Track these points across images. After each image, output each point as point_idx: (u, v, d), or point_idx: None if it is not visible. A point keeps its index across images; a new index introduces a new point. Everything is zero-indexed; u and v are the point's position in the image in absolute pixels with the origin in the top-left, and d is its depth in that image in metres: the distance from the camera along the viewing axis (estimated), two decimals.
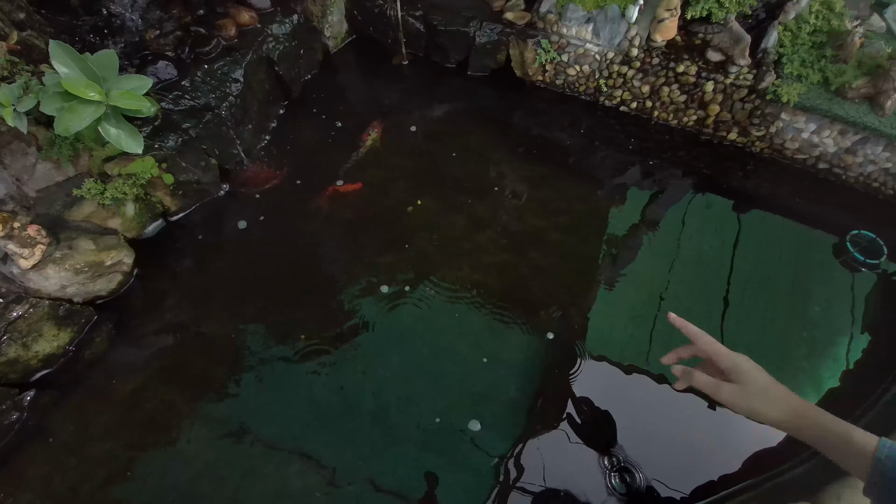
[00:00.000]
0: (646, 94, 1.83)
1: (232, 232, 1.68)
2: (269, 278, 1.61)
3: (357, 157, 1.88)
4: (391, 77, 2.17)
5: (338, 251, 1.68)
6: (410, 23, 1.99)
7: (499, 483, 1.26)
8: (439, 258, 1.67)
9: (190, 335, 1.50)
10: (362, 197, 1.78)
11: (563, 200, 1.82)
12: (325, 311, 1.54)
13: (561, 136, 2.00)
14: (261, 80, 1.74)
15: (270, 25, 1.75)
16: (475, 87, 2.12)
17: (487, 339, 1.51)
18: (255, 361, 1.45)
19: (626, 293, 1.60)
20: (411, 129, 1.98)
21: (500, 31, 1.91)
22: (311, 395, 1.41)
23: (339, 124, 1.97)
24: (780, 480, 1.12)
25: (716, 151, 1.89)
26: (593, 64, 1.84)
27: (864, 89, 1.58)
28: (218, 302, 1.56)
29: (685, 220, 1.76)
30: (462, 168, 1.89)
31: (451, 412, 1.37)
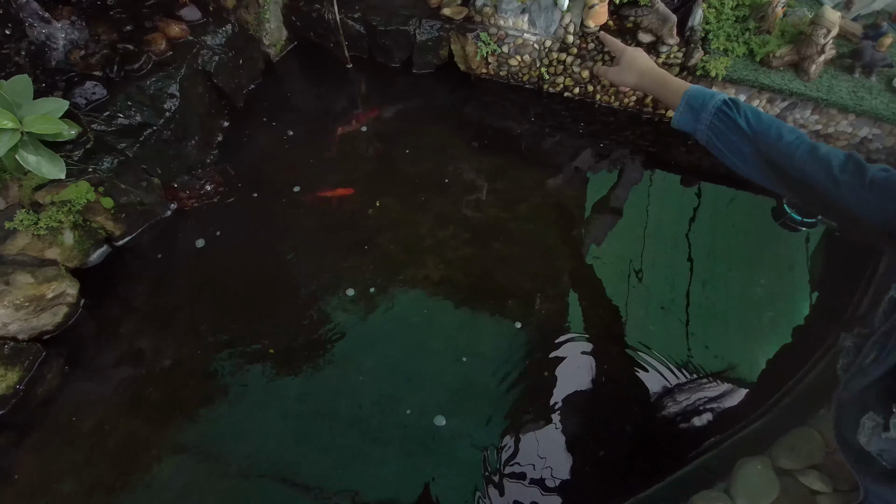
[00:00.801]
0: (586, 78, 1.87)
1: (186, 251, 1.63)
2: (230, 294, 1.57)
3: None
4: (337, 81, 2.15)
5: (301, 260, 1.65)
6: (350, 25, 1.97)
7: (484, 475, 1.28)
8: (403, 257, 1.66)
9: (150, 361, 1.45)
10: (324, 206, 1.76)
11: (521, 189, 1.85)
12: (292, 321, 1.52)
13: (512, 126, 2.02)
14: (200, 93, 1.70)
15: (203, 37, 1.71)
16: (422, 84, 2.13)
17: (458, 334, 1.52)
18: (223, 380, 1.42)
19: (590, 274, 1.64)
20: (362, 130, 1.97)
21: (439, 28, 1.92)
22: (285, 408, 1.38)
23: (291, 132, 1.94)
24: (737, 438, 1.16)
25: (658, 129, 1.95)
26: (533, 53, 1.87)
27: (788, 57, 1.65)
28: (177, 324, 1.51)
29: (639, 197, 1.82)
30: (418, 166, 1.89)
31: (426, 409, 1.38)
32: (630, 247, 1.69)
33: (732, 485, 0.87)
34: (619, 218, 1.75)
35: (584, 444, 1.33)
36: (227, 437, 1.33)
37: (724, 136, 0.83)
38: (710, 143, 0.86)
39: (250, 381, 1.42)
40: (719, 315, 1.55)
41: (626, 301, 1.58)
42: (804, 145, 0.76)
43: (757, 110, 0.82)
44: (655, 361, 1.45)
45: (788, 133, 0.78)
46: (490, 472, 1.28)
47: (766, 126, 0.79)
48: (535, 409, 1.38)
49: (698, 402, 1.38)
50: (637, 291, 1.60)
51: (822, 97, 1.61)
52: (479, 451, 1.31)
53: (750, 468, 0.88)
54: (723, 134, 0.83)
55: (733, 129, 0.81)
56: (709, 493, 0.84)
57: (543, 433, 1.35)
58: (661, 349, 1.47)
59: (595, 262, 1.66)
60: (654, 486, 1.07)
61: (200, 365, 1.44)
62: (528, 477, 1.28)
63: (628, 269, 1.64)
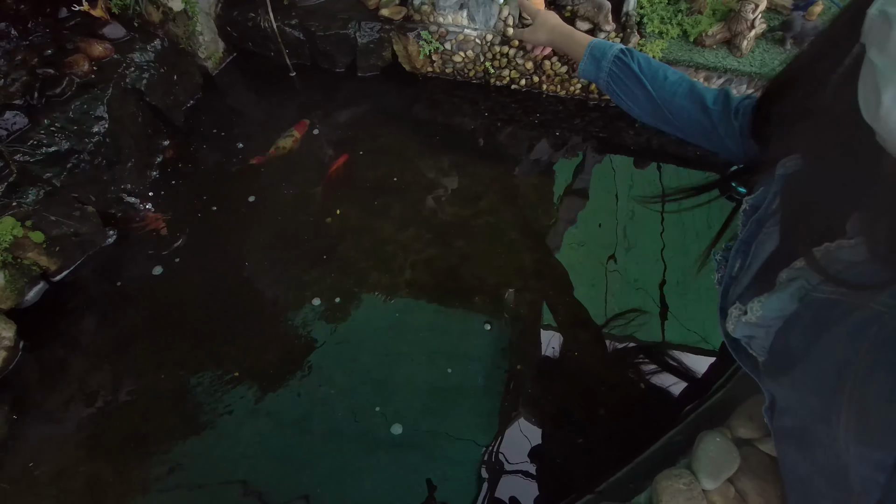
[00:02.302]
0: (531, 69, 1.88)
1: (135, 278, 1.56)
2: (188, 320, 1.51)
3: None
4: (282, 90, 2.10)
5: (261, 276, 1.60)
6: (288, 32, 1.92)
7: (468, 472, 1.27)
8: (367, 263, 1.64)
9: (106, 398, 1.37)
10: (281, 219, 1.71)
11: (479, 185, 1.84)
12: (256, 341, 1.47)
13: (463, 123, 2.02)
14: (131, 113, 1.62)
15: (130, 55, 1.63)
16: (370, 88, 2.10)
17: (428, 336, 1.50)
18: (187, 410, 1.36)
19: (555, 263, 1.65)
20: (317, 130, 1.94)
21: (379, 29, 1.89)
22: (256, 431, 1.33)
23: (241, 145, 1.88)
24: (700, 411, 1.18)
25: (606, 114, 1.98)
26: (476, 48, 1.87)
27: (720, 35, 1.70)
28: (132, 357, 1.44)
29: (597, 182, 1.84)
30: (374, 170, 1.86)
31: (402, 415, 1.35)
32: (594, 232, 1.70)
33: (693, 459, 0.88)
34: (579, 205, 1.77)
35: (562, 433, 1.33)
36: (196, 467, 1.27)
37: (620, 82, 0.94)
38: (610, 89, 0.98)
39: (216, 407, 1.36)
40: (690, 291, 1.57)
41: (594, 285, 1.59)
42: (685, 84, 0.87)
43: (648, 57, 0.94)
44: (627, 343, 1.47)
45: (672, 75, 0.89)
46: (475, 469, 1.27)
47: (655, 70, 0.90)
48: (511, 403, 1.38)
49: (667, 378, 1.40)
50: (603, 275, 1.61)
51: (756, 71, 1.66)
52: (463, 450, 1.30)
53: (709, 441, 0.89)
54: (620, 79, 0.94)
55: (628, 75, 0.92)
56: (671, 471, 0.85)
57: (523, 426, 1.34)
58: (632, 330, 1.49)
59: (560, 250, 1.67)
60: (623, 468, 1.07)
61: (161, 397, 1.37)
62: (513, 471, 1.27)
63: (594, 253, 1.66)
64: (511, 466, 1.28)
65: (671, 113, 0.89)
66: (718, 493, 0.86)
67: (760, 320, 0.56)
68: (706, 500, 0.84)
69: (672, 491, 0.83)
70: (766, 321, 0.56)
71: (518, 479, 1.26)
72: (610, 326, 1.50)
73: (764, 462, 0.91)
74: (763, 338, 0.57)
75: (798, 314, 0.52)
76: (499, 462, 1.27)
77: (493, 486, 1.25)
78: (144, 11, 1.72)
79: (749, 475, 0.88)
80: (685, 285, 1.59)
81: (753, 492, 0.87)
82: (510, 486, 1.25)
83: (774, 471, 0.90)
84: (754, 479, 0.88)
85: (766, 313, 0.55)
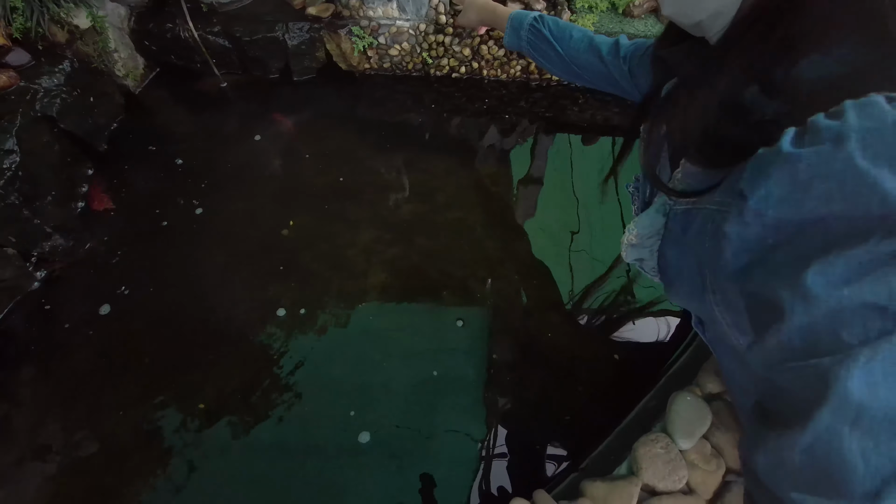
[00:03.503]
0: (469, 56, 1.86)
1: (72, 317, 1.44)
2: (142, 356, 1.41)
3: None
4: (215, 102, 1.99)
5: (219, 299, 1.52)
6: (212, 40, 1.82)
7: (461, 470, 1.24)
8: (328, 272, 1.58)
9: (61, 454, 1.26)
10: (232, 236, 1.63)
11: (434, 179, 1.81)
12: (219, 368, 1.39)
13: (409, 118, 1.98)
14: (46, 142, 1.49)
15: (38, 80, 1.50)
16: (307, 91, 2.02)
17: (399, 338, 1.46)
18: (152, 453, 1.26)
19: (519, 248, 1.64)
20: (256, 141, 1.85)
21: (308, 29, 1.82)
22: (229, 460, 1.25)
23: (180, 161, 1.77)
24: (670, 374, 1.20)
25: (548, 94, 1.99)
26: (410, 39, 1.83)
27: (647, 4, 1.73)
28: (84, 405, 1.33)
29: (552, 164, 1.85)
30: (324, 176, 1.80)
31: (381, 423, 1.31)
32: (554, 213, 1.71)
33: (667, 422, 0.89)
34: (537, 188, 1.77)
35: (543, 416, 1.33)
36: None
37: (537, 46, 1.03)
38: (531, 54, 1.07)
39: (183, 443, 1.28)
40: None
41: (560, 266, 1.60)
42: (586, 40, 0.95)
43: (556, 19, 1.02)
44: (597, 317, 1.48)
45: (577, 33, 0.97)
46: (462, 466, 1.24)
47: (562, 30, 0.99)
48: (492, 394, 1.36)
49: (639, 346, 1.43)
50: (568, 255, 1.62)
51: None
52: (448, 449, 1.27)
53: (680, 401, 0.90)
54: (536, 44, 1.03)
55: (542, 39, 1.01)
56: (648, 437, 0.86)
57: (506, 416, 1.33)
58: (602, 304, 1.50)
59: (522, 236, 1.67)
60: (604, 441, 1.08)
61: (121, 443, 1.27)
62: (500, 461, 1.26)
63: (556, 235, 1.66)
64: (498, 457, 1.26)
65: (579, 68, 0.98)
66: (695, 451, 0.87)
67: (638, 239, 0.60)
68: (684, 460, 0.85)
69: (650, 456, 0.84)
70: (643, 240, 0.59)
71: (505, 467, 1.25)
72: (579, 304, 1.52)
73: (735, 414, 0.93)
74: (649, 258, 0.61)
75: (668, 229, 0.56)
76: (485, 455, 1.26)
77: (481, 479, 1.23)
78: (48, 32, 1.58)
79: (722, 429, 0.90)
80: None
81: (728, 445, 0.89)
82: (498, 476, 1.24)
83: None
84: (727, 432, 0.90)
85: (641, 231, 0.59)
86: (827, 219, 0.31)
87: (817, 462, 0.31)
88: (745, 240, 0.36)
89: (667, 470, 0.83)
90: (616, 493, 0.76)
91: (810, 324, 0.31)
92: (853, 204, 0.30)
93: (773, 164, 0.33)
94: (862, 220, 0.30)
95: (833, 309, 0.30)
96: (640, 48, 0.86)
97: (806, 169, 0.31)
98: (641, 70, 0.85)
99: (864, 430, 0.29)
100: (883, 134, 0.29)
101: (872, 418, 0.29)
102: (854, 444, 0.29)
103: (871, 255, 0.29)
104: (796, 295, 0.32)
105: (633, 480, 0.82)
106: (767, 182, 0.33)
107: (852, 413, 0.29)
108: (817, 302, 0.31)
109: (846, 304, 0.30)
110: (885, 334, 0.29)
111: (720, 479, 0.86)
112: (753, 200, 0.34)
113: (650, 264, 0.62)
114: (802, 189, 0.32)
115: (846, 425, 0.30)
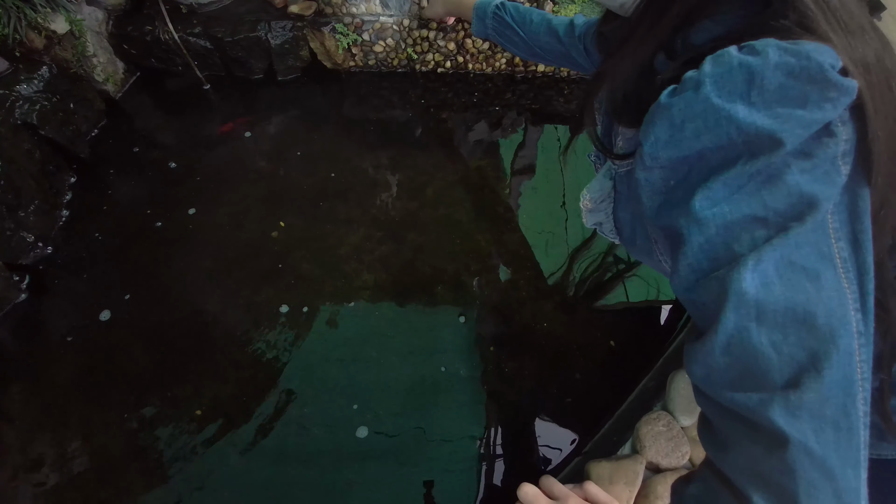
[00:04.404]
0: (453, 50, 1.86)
1: (61, 330, 1.41)
2: (135, 364, 1.38)
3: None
4: (199, 105, 1.96)
5: (211, 304, 1.50)
6: (193, 42, 1.80)
7: (467, 465, 1.25)
8: (320, 272, 1.56)
9: (55, 468, 1.23)
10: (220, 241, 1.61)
11: (423, 175, 1.81)
12: (214, 374, 1.37)
13: (396, 114, 1.97)
14: (26, 150, 1.46)
15: (16, 87, 1.47)
16: (293, 91, 2.00)
17: (394, 335, 1.46)
18: (149, 462, 1.24)
19: (511, 239, 1.65)
20: (242, 142, 1.83)
21: (291, 28, 1.81)
22: (228, 469, 1.24)
23: (165, 166, 1.75)
24: (667, 354, 1.22)
25: (534, 85, 2.00)
26: (395, 35, 1.82)
27: None
28: (78, 417, 1.30)
29: (540, 154, 1.86)
30: (313, 176, 1.78)
31: (381, 423, 1.30)
32: (544, 202, 1.72)
33: (668, 400, 0.90)
34: (526, 179, 1.78)
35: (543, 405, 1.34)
36: None
37: (501, 32, 1.09)
38: (497, 40, 1.13)
39: (180, 452, 1.25)
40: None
41: (551, 255, 1.61)
42: (544, 23, 1.00)
43: (517, 5, 1.07)
44: (591, 303, 1.50)
45: (536, 17, 1.02)
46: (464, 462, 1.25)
47: (523, 15, 1.04)
48: (490, 387, 1.37)
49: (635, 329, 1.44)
50: (558, 243, 1.63)
51: None
52: (450, 446, 1.27)
53: (679, 379, 0.91)
54: (500, 30, 1.09)
55: (505, 26, 1.07)
56: (650, 416, 0.87)
57: (505, 407, 1.33)
58: (591, 290, 1.52)
59: (513, 227, 1.67)
60: (605, 425, 1.09)
61: (116, 455, 1.25)
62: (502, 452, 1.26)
63: (546, 224, 1.67)
64: (500, 447, 1.26)
65: (541, 49, 1.03)
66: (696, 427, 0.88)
67: (592, 203, 0.63)
68: (686, 437, 0.86)
69: (653, 434, 0.85)
70: (596, 204, 0.63)
71: (508, 458, 1.26)
72: (572, 293, 1.52)
73: None
74: (606, 221, 0.65)
75: (617, 192, 0.60)
76: (487, 448, 1.26)
77: (483, 474, 1.23)
78: (25, 38, 1.54)
79: None
80: None
81: None
82: (501, 467, 1.24)
83: None
84: None
85: (592, 195, 0.63)
86: (703, 152, 0.36)
87: (736, 360, 0.34)
88: (652, 182, 0.40)
89: (670, 447, 0.84)
90: (621, 472, 0.76)
91: (707, 242, 0.36)
92: (717, 135, 0.35)
93: (656, 114, 0.38)
94: (728, 148, 0.35)
95: (721, 226, 0.35)
96: (591, 26, 0.91)
97: (678, 113, 0.36)
98: (594, 47, 0.90)
99: (770, 324, 0.33)
100: (732, 75, 0.34)
101: (774, 312, 0.32)
102: (763, 338, 0.33)
103: (741, 174, 0.34)
104: (690, 220, 0.36)
105: (638, 459, 0.82)
106: (654, 129, 0.38)
107: (753, 310, 0.33)
108: (706, 222, 0.35)
109: (731, 220, 0.34)
110: (769, 240, 0.33)
111: None
112: (647, 146, 0.39)
113: (608, 226, 0.66)
114: (678, 130, 0.37)
115: (752, 322, 0.33)
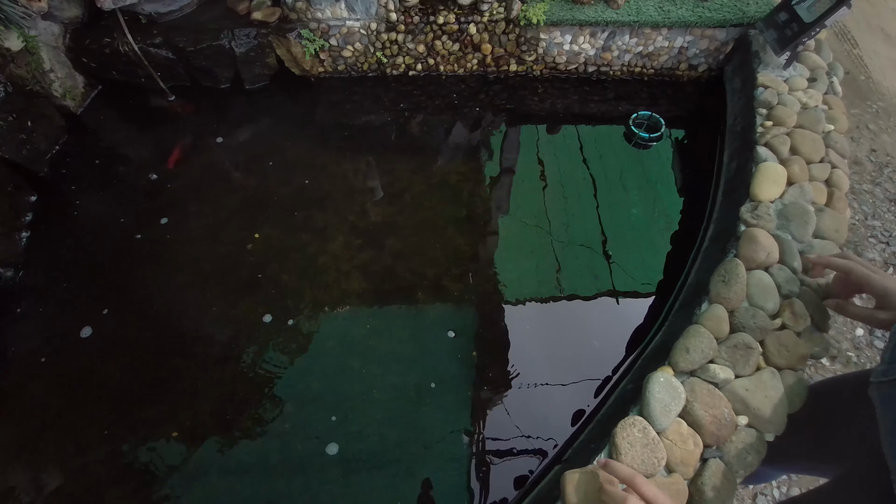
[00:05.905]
0: (423, 53, 1.84)
1: (29, 354, 1.36)
2: (108, 387, 1.34)
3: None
4: (164, 117, 1.91)
5: (188, 321, 1.46)
6: (154, 52, 1.74)
7: (452, 475, 1.24)
8: (298, 283, 1.53)
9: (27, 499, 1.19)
10: (195, 254, 1.57)
11: (400, 180, 1.78)
12: (191, 393, 1.34)
13: (370, 119, 1.94)
14: None
15: None
16: (262, 100, 1.96)
17: (376, 344, 1.44)
18: (125, 488, 1.20)
19: (492, 241, 1.63)
20: (215, 154, 1.78)
21: (255, 35, 1.76)
22: (210, 486, 1.21)
23: (132, 180, 1.70)
24: (645, 355, 1.21)
25: (507, 85, 1.98)
26: (363, 39, 1.79)
27: None
28: (50, 445, 1.26)
29: (515, 153, 1.84)
30: (288, 185, 1.75)
31: (364, 434, 1.28)
32: (524, 203, 1.71)
33: (643, 405, 0.90)
34: (504, 180, 1.77)
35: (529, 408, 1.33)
36: None
37: None
38: None
39: (160, 473, 1.22)
40: (619, 237, 1.62)
41: (534, 255, 1.60)
42: None
43: None
44: (574, 303, 1.49)
45: None
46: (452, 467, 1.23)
47: None
48: (475, 391, 1.35)
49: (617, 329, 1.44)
50: (540, 243, 1.63)
51: (634, 20, 1.72)
52: (436, 452, 1.25)
53: (654, 383, 0.91)
54: None
55: None
56: (625, 422, 0.86)
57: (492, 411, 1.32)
58: (575, 289, 1.51)
59: (494, 229, 1.66)
60: (584, 431, 1.08)
61: (92, 481, 1.21)
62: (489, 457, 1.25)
63: (527, 224, 1.66)
64: (487, 453, 1.25)
65: None
66: (672, 431, 0.88)
67: None
68: (662, 442, 0.86)
69: (629, 441, 0.84)
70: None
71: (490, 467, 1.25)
72: (555, 292, 1.52)
73: (710, 389, 0.94)
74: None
75: None
76: (474, 452, 1.25)
77: (468, 480, 1.22)
78: None
79: (698, 404, 0.92)
80: (620, 237, 1.64)
81: (704, 419, 0.90)
82: (485, 474, 1.23)
83: (716, 394, 0.94)
84: (703, 407, 0.91)
85: None
86: None
87: None
88: None
89: (646, 453, 0.84)
90: (597, 482, 0.76)
91: None
92: None
93: None
94: None
95: None
96: None
97: None
98: None
99: None
100: None
101: None
102: None
103: None
104: None
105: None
106: None
107: None
108: None
109: None
110: None
111: (698, 456, 0.88)
112: None
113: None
114: None
115: None
